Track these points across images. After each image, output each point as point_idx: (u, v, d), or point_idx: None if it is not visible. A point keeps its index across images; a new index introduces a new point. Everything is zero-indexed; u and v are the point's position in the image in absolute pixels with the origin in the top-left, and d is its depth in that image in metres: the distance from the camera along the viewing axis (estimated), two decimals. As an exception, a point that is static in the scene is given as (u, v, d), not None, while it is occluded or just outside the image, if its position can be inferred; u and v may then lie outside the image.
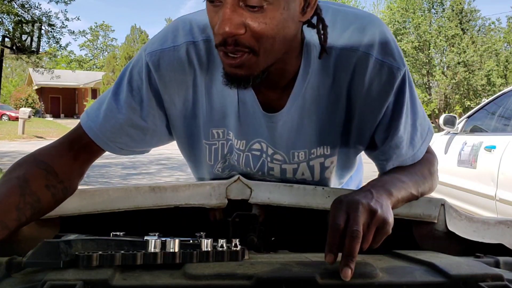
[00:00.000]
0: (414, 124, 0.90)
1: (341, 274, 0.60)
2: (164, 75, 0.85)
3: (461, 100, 25.28)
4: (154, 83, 0.86)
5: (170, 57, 0.85)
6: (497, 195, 3.51)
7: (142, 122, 0.89)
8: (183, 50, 0.84)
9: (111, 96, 0.89)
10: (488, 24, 27.57)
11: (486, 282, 0.57)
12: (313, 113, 0.88)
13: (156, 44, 0.86)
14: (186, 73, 0.86)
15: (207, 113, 0.90)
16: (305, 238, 0.92)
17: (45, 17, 10.19)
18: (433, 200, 0.87)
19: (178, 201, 0.85)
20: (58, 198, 0.83)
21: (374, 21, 0.84)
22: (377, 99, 0.85)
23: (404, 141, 0.89)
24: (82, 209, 0.83)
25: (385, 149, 0.90)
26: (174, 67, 0.85)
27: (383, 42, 0.82)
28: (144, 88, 0.86)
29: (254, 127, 0.90)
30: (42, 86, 34.06)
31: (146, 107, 0.87)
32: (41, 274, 0.57)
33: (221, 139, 0.93)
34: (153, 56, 0.85)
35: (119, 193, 0.84)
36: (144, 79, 0.86)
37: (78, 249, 0.60)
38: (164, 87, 0.86)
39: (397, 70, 0.82)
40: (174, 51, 0.84)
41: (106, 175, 8.37)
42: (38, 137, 18.69)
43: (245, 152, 0.93)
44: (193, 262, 0.61)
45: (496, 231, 0.86)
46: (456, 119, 4.41)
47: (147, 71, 0.85)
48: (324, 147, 0.92)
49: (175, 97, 0.88)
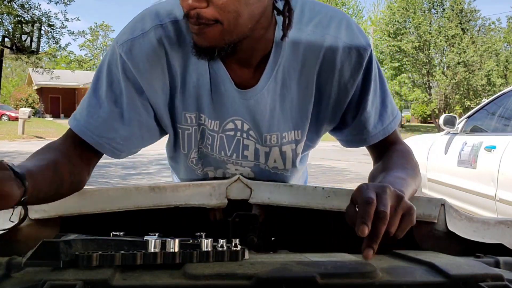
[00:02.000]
0: (384, 102, 0.97)
1: (363, 254, 0.62)
2: (138, 63, 0.86)
3: (461, 100, 25.28)
4: (130, 72, 0.87)
5: (140, 44, 0.86)
6: (497, 195, 3.51)
7: (126, 114, 0.88)
8: (152, 34, 0.86)
9: (91, 93, 0.90)
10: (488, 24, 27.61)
11: (486, 282, 0.57)
12: (285, 97, 0.92)
13: (127, 35, 0.87)
14: (160, 57, 0.87)
15: (181, 96, 0.91)
16: (305, 238, 0.92)
17: (45, 18, 10.20)
18: (433, 200, 0.87)
19: (178, 201, 0.85)
20: (73, 188, 0.84)
21: (338, 10, 0.93)
22: (349, 81, 0.91)
23: (372, 116, 0.95)
24: (82, 209, 0.83)
25: (355, 125, 0.96)
26: (146, 53, 0.86)
27: (348, 27, 0.90)
28: (122, 79, 0.87)
29: (228, 105, 0.91)
30: (42, 86, 34.08)
31: (126, 99, 0.88)
32: (41, 274, 0.57)
33: (194, 124, 0.94)
34: (125, 46, 0.86)
35: (119, 193, 0.84)
36: (120, 71, 0.87)
37: (78, 249, 0.60)
38: (140, 75, 0.87)
39: (364, 50, 0.89)
40: (143, 37, 0.86)
41: (106, 175, 8.37)
42: (38, 137, 18.69)
43: (219, 134, 0.95)
44: (193, 262, 0.61)
45: (496, 231, 0.86)
46: (456, 119, 4.41)
47: (122, 62, 0.86)
48: (296, 132, 0.96)
49: (155, 83, 0.89)
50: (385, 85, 0.98)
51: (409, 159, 0.95)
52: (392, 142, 1.00)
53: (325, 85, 0.91)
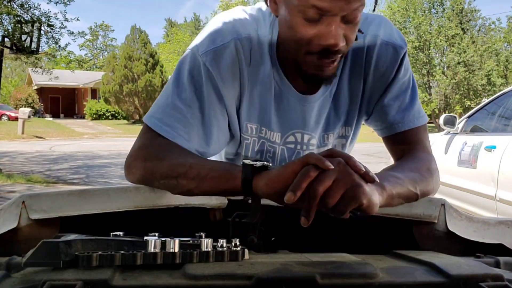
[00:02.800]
0: (412, 101, 1.03)
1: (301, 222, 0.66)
2: (221, 72, 0.93)
3: (461, 100, 25.28)
4: (213, 80, 0.93)
5: (222, 54, 0.93)
6: (497, 195, 3.51)
7: (207, 119, 0.94)
8: (232, 46, 0.93)
9: (176, 97, 0.93)
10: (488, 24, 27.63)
11: (486, 282, 0.57)
12: (339, 98, 1.03)
13: (207, 45, 0.93)
14: (236, 67, 0.94)
15: (246, 106, 0.99)
16: (305, 238, 0.92)
17: (45, 18, 10.18)
18: (433, 200, 0.87)
19: (178, 201, 0.85)
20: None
21: (378, 15, 1.03)
22: (383, 75, 1.01)
23: (395, 108, 1.02)
24: (82, 209, 0.83)
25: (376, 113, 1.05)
26: (227, 63, 0.93)
27: (387, 27, 1.00)
28: (205, 86, 0.93)
29: (290, 117, 1.01)
30: (42, 86, 34.08)
31: (208, 104, 0.93)
32: (41, 274, 0.57)
33: (253, 135, 1.02)
34: (208, 55, 0.92)
35: (119, 193, 0.84)
36: (203, 78, 0.92)
37: (78, 249, 0.60)
38: (223, 83, 0.93)
39: (400, 48, 1.00)
40: (225, 48, 0.93)
41: (106, 175, 8.38)
42: (38, 137, 18.69)
43: (280, 146, 1.04)
44: (193, 262, 0.61)
45: (496, 231, 0.85)
46: (456, 119, 4.41)
47: (206, 70, 0.92)
48: (346, 128, 1.07)
49: (231, 91, 0.96)
50: (416, 88, 1.06)
51: (422, 164, 0.94)
52: (413, 142, 1.01)
53: (366, 80, 1.02)
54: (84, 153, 13.01)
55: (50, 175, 8.46)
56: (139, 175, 0.88)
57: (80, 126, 26.81)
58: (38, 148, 13.91)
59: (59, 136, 20.15)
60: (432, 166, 0.96)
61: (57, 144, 15.96)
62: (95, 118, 32.64)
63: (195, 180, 0.81)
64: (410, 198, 0.85)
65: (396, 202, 0.81)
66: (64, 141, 17.59)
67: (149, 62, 28.70)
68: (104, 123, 30.16)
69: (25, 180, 7.42)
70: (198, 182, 0.80)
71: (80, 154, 12.59)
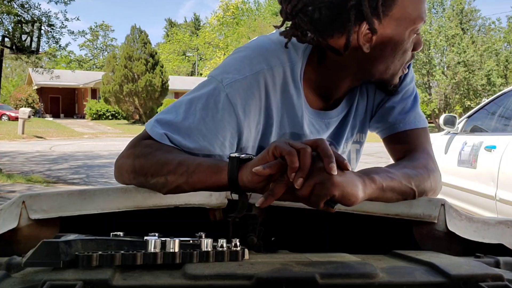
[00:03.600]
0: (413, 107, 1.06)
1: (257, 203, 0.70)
2: (244, 104, 0.89)
3: (461, 100, 25.28)
4: (232, 112, 0.88)
5: (247, 86, 0.89)
6: (497, 195, 3.52)
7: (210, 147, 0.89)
8: (260, 76, 0.90)
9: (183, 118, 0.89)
10: (488, 24, 27.63)
11: (486, 282, 0.57)
12: (357, 108, 1.06)
13: (233, 74, 0.89)
14: (261, 99, 0.91)
15: (276, 134, 0.96)
16: (305, 238, 0.92)
17: (45, 17, 10.18)
18: (433, 200, 0.87)
19: (178, 201, 0.85)
20: None
21: None
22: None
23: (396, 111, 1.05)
24: (82, 209, 0.83)
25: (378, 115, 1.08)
26: (252, 94, 0.90)
27: None
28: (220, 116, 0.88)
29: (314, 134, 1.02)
30: (42, 86, 34.07)
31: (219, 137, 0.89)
32: (41, 274, 0.57)
33: None
34: (233, 87, 0.88)
35: (119, 193, 0.84)
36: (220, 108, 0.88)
37: (78, 249, 0.60)
38: (244, 115, 0.90)
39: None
40: (250, 79, 0.89)
41: (106, 175, 8.38)
42: (38, 137, 18.69)
43: None
44: (193, 262, 0.61)
45: (496, 231, 0.85)
46: (456, 119, 4.41)
47: (227, 102, 0.88)
48: (361, 135, 1.11)
49: (251, 122, 0.92)
50: (418, 97, 1.10)
51: (418, 162, 0.94)
52: (413, 143, 1.02)
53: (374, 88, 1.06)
54: (84, 153, 13.01)
55: (50, 175, 8.46)
56: (128, 173, 0.88)
57: (80, 126, 26.82)
58: (38, 148, 13.91)
59: (59, 136, 20.15)
60: (429, 165, 0.96)
61: (57, 144, 15.96)
62: (95, 118, 32.64)
63: (183, 175, 0.80)
64: (407, 194, 0.85)
65: (389, 195, 0.81)
66: (64, 141, 17.59)
67: (149, 62, 28.70)
68: (104, 123, 30.17)
69: (25, 180, 7.43)
70: (186, 177, 0.80)
71: (80, 154, 12.60)
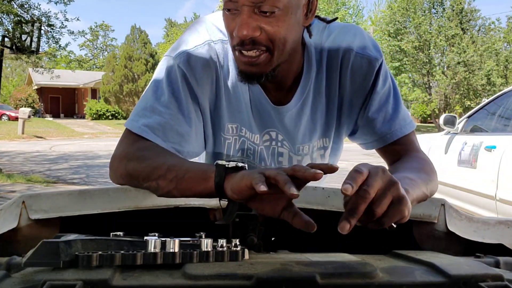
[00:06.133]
0: (396, 110, 1.03)
1: (339, 227, 0.61)
2: (195, 73, 0.95)
3: (461, 100, 25.27)
4: (188, 81, 0.95)
5: (196, 56, 0.95)
6: (497, 195, 3.51)
7: (187, 119, 0.95)
8: (206, 48, 0.96)
9: (154, 100, 0.95)
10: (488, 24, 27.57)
11: (486, 282, 0.57)
12: (316, 109, 1.03)
13: (182, 47, 0.96)
14: (211, 68, 0.97)
15: (227, 107, 1.00)
16: (305, 238, 0.92)
17: (45, 17, 10.17)
18: (433, 200, 0.87)
19: (178, 201, 0.85)
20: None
21: (353, 25, 1.04)
22: (360, 87, 1.01)
23: (380, 120, 1.02)
24: (82, 209, 0.83)
25: (363, 128, 1.05)
26: (201, 64, 0.95)
27: (362, 38, 0.99)
28: (181, 88, 0.94)
29: (265, 119, 1.02)
30: (42, 86, 34.07)
31: (186, 105, 0.95)
32: (41, 274, 0.57)
33: (234, 134, 1.03)
34: (182, 57, 0.95)
35: (119, 193, 0.84)
36: (179, 80, 0.94)
37: (78, 249, 0.60)
38: (197, 84, 0.95)
39: (375, 60, 0.99)
40: (198, 50, 0.95)
41: (106, 175, 8.36)
42: (38, 137, 18.69)
43: (259, 146, 1.05)
44: (193, 262, 0.61)
45: (496, 231, 0.85)
46: (456, 119, 4.41)
47: (180, 72, 0.94)
48: (324, 139, 1.08)
49: (205, 92, 0.97)
50: (398, 95, 1.06)
51: (424, 164, 0.95)
52: (405, 149, 1.02)
53: (343, 91, 1.02)
54: (84, 153, 13.00)
55: (50, 175, 8.46)
56: (123, 177, 0.90)
57: (80, 126, 26.81)
58: (38, 148, 13.90)
59: (59, 136, 20.15)
60: (433, 166, 0.98)
61: (57, 144, 15.95)
62: (95, 118, 32.63)
63: (173, 181, 0.80)
64: (422, 200, 0.83)
65: (414, 205, 0.78)
66: (64, 141, 17.58)
67: (149, 62, 28.73)
68: (104, 123, 30.14)
69: (25, 180, 7.42)
70: (176, 183, 0.80)
71: (80, 154, 12.59)
